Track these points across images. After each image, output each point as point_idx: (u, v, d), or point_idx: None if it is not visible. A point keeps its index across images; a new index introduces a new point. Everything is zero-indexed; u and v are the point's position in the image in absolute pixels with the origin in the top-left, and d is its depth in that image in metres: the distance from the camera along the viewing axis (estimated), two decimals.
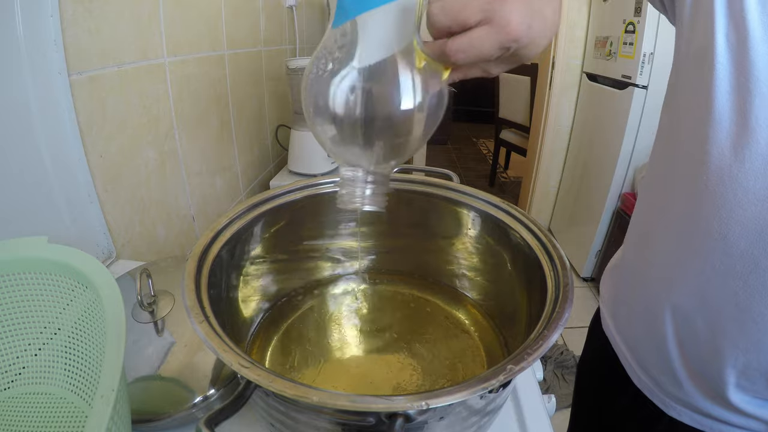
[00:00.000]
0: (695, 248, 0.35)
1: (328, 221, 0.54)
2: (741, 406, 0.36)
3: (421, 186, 0.53)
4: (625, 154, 1.63)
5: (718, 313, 0.34)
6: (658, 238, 0.40)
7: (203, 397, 0.37)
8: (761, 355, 0.33)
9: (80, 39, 0.51)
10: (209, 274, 0.35)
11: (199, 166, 0.83)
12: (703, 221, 0.33)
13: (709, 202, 0.33)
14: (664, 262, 0.39)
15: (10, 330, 0.35)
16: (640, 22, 1.49)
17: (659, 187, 0.40)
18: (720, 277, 0.33)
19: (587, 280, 1.94)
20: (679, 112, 0.36)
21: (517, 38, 0.23)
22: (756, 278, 0.31)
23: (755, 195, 0.30)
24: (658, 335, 0.40)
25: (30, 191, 0.47)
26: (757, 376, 0.34)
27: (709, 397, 0.38)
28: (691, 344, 0.38)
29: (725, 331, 0.34)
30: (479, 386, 0.24)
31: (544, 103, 2.06)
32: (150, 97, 0.66)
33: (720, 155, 0.31)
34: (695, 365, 0.38)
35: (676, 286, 0.37)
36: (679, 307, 0.38)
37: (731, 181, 0.31)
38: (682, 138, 0.36)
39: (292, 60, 1.10)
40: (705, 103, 0.32)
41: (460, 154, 3.91)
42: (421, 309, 0.52)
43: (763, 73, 0.28)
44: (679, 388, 0.40)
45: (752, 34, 0.28)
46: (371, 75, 0.27)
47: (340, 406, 0.24)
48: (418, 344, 0.47)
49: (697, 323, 0.36)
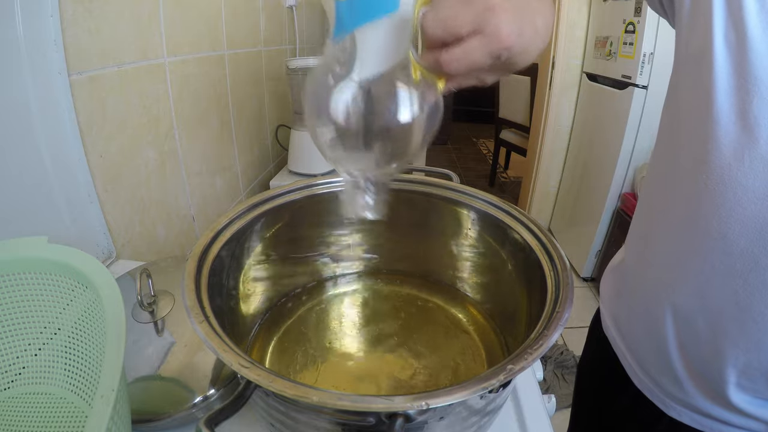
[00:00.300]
0: (695, 248, 0.35)
1: (328, 221, 0.54)
2: (741, 406, 0.36)
3: (421, 186, 0.53)
4: (625, 154, 1.63)
5: (718, 312, 0.34)
6: (658, 239, 0.40)
7: (203, 397, 0.37)
8: (762, 354, 0.33)
9: (80, 39, 0.51)
10: (209, 274, 0.35)
11: (199, 166, 0.83)
12: (702, 220, 0.34)
13: (708, 201, 0.33)
14: (664, 263, 0.39)
15: (10, 330, 0.35)
16: (640, 22, 1.49)
17: (660, 188, 0.40)
18: (720, 277, 0.33)
19: (587, 280, 1.94)
20: (680, 113, 0.37)
21: (508, 46, 0.23)
22: (756, 277, 0.31)
23: (755, 194, 0.30)
24: (659, 335, 0.40)
25: (30, 191, 0.47)
26: (757, 375, 0.34)
27: (709, 398, 0.38)
28: (692, 344, 0.38)
29: (726, 330, 0.34)
30: (479, 386, 0.24)
31: (544, 103, 2.06)
32: (150, 97, 0.66)
33: (720, 155, 0.31)
34: (696, 365, 0.38)
35: (677, 286, 0.37)
36: (679, 307, 0.38)
37: (731, 180, 0.31)
38: (682, 138, 0.36)
39: (292, 60, 1.10)
40: (705, 103, 0.32)
41: (460, 154, 3.91)
42: (421, 309, 0.52)
43: (761, 73, 0.28)
44: (680, 388, 0.40)
45: (751, 34, 0.28)
46: (370, 87, 0.28)
47: (340, 406, 0.24)
48: (418, 344, 0.47)
49: (698, 323, 0.36)
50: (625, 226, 1.62)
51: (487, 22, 0.23)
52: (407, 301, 0.53)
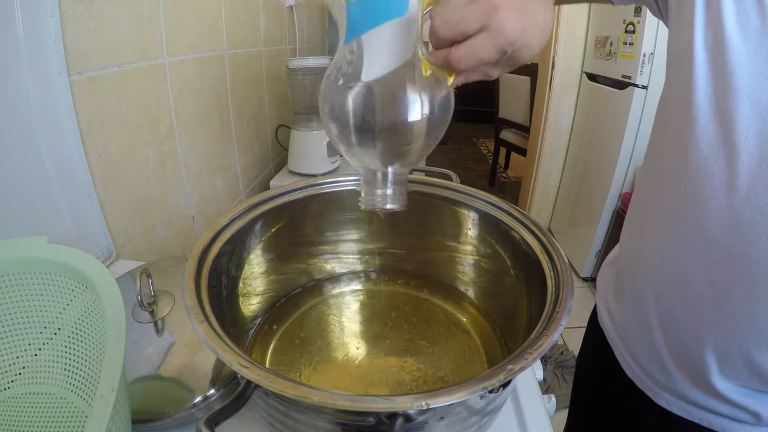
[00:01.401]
0: (677, 239, 0.37)
1: (328, 221, 0.54)
2: (727, 395, 0.38)
3: (421, 186, 0.53)
4: (625, 154, 1.63)
5: (699, 300, 0.36)
6: (646, 231, 0.42)
7: (203, 397, 0.37)
8: (740, 339, 0.35)
9: (80, 39, 0.51)
10: (209, 274, 0.35)
11: (199, 166, 0.83)
12: (683, 212, 0.36)
13: (688, 194, 0.35)
14: (651, 253, 0.41)
15: (10, 330, 0.34)
16: (640, 22, 1.49)
17: (648, 183, 0.42)
18: (699, 266, 0.35)
19: (587, 280, 1.94)
20: (666, 111, 0.39)
21: (512, 41, 0.25)
22: (732, 266, 0.33)
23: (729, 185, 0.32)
24: (646, 324, 0.42)
25: (30, 191, 0.47)
26: (737, 362, 0.36)
27: (696, 386, 0.40)
28: (675, 331, 0.40)
29: (705, 317, 0.36)
30: (479, 386, 0.24)
31: (544, 103, 2.06)
32: (150, 97, 0.66)
33: (697, 150, 0.33)
34: (679, 352, 0.40)
35: (661, 275, 0.39)
36: (662, 295, 0.40)
37: (707, 174, 0.33)
38: (668, 135, 0.38)
39: (292, 60, 1.10)
40: (685, 101, 0.34)
41: (460, 154, 3.91)
42: (422, 309, 0.52)
43: (738, 72, 0.30)
44: (668, 376, 0.42)
45: (729, 35, 0.30)
46: (381, 86, 0.29)
47: (340, 406, 0.24)
48: (418, 344, 0.47)
49: (680, 311, 0.38)
50: None
51: (492, 19, 0.25)
52: (407, 301, 0.53)
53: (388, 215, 0.34)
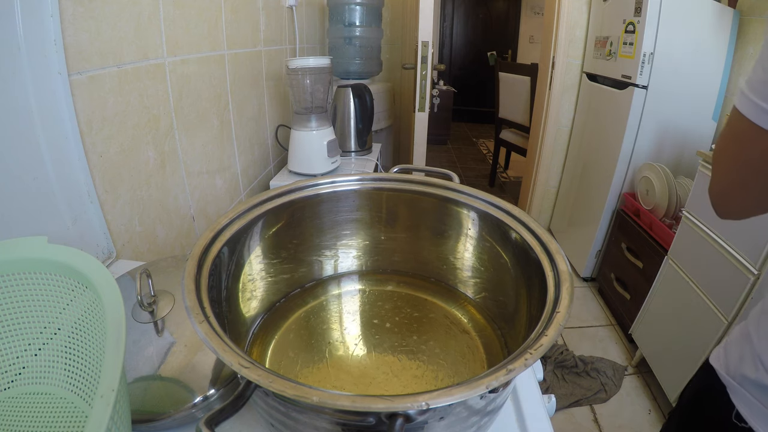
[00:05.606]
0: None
1: (327, 221, 0.54)
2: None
3: (421, 186, 0.53)
4: (625, 154, 1.63)
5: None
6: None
7: (203, 397, 0.37)
8: None
9: (80, 39, 0.51)
10: (209, 274, 0.35)
11: (199, 166, 0.83)
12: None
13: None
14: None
15: (10, 330, 0.34)
16: (640, 22, 1.49)
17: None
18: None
19: (587, 280, 1.94)
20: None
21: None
22: None
23: None
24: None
25: (30, 191, 0.47)
26: None
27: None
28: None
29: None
30: (479, 386, 0.24)
31: (544, 103, 2.06)
32: (150, 97, 0.66)
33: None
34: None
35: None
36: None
37: None
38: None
39: (292, 60, 1.10)
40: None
41: (460, 154, 3.91)
42: (421, 309, 0.52)
43: None
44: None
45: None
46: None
47: (340, 406, 0.24)
48: (417, 344, 0.47)
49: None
50: (625, 225, 1.62)
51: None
52: (407, 301, 0.53)
53: (389, 216, 0.34)
